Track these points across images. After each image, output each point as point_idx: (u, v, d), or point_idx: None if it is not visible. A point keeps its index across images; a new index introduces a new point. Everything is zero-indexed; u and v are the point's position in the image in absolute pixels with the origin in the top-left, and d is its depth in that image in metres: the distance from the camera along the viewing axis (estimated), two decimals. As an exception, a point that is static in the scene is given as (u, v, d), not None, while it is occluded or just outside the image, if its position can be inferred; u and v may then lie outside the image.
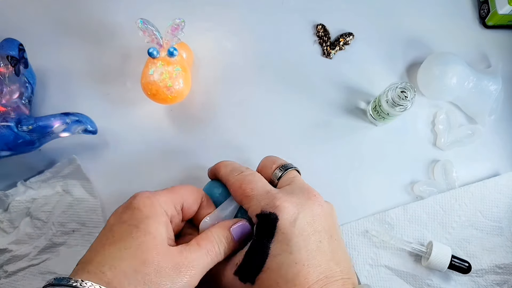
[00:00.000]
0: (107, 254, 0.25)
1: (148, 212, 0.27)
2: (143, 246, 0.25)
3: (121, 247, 0.25)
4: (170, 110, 0.47)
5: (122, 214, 0.28)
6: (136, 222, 0.27)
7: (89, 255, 0.26)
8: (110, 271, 0.24)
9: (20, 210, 0.42)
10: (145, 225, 0.26)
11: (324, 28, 0.50)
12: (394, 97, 0.41)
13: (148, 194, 0.29)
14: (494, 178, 0.46)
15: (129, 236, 0.26)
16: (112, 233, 0.27)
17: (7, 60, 0.40)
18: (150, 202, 0.28)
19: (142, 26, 0.39)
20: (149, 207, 0.28)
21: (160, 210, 0.28)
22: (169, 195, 0.30)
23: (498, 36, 0.51)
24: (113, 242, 0.26)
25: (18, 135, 0.39)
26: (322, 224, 0.29)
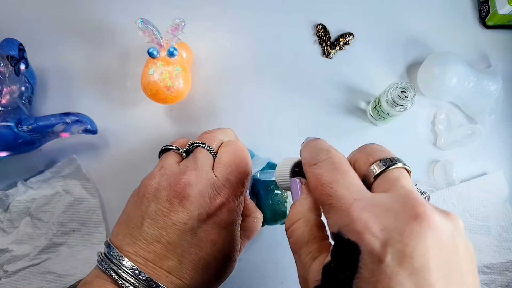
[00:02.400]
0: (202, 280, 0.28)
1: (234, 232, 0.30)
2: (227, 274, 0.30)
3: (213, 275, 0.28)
4: (170, 110, 0.47)
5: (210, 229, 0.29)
6: (225, 249, 0.29)
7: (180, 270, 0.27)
8: None
9: (20, 210, 0.42)
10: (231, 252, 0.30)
11: (324, 28, 0.50)
12: (394, 97, 0.41)
13: (233, 207, 0.29)
14: (482, 177, 0.46)
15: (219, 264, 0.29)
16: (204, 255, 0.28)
17: (7, 60, 0.40)
18: (236, 216, 0.30)
19: (142, 26, 0.39)
20: (235, 223, 0.30)
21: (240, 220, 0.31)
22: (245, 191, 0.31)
23: (498, 36, 0.51)
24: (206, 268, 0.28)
25: (18, 135, 0.39)
26: (433, 258, 0.18)
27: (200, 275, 0.27)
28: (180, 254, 0.27)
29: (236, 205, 0.29)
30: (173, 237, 0.27)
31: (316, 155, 0.23)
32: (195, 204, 0.27)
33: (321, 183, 0.21)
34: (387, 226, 0.18)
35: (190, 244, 0.27)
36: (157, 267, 0.27)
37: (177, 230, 0.27)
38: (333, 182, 0.21)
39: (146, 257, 0.27)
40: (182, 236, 0.27)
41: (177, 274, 0.27)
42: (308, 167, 0.23)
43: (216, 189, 0.28)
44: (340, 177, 0.21)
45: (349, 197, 0.20)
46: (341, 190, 0.21)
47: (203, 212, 0.27)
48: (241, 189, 0.30)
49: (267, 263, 0.43)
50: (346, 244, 0.19)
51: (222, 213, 0.28)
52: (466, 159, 0.47)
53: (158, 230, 0.27)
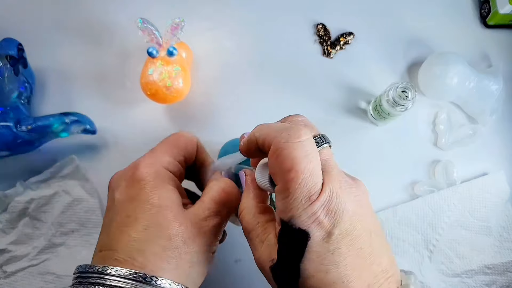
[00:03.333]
0: (130, 239, 0.24)
1: (156, 182, 0.26)
2: (162, 222, 0.25)
3: (141, 228, 0.25)
4: (170, 109, 0.47)
5: (128, 189, 0.27)
6: (146, 196, 0.26)
7: (109, 241, 0.25)
8: (140, 256, 0.24)
9: (19, 211, 0.42)
10: (157, 198, 0.26)
11: (324, 27, 0.50)
12: (395, 97, 0.41)
13: (149, 161, 0.27)
14: (482, 177, 0.46)
15: (144, 214, 0.25)
16: (125, 213, 0.26)
17: (6, 60, 0.39)
18: (154, 170, 0.27)
19: (141, 25, 0.39)
20: (155, 175, 0.27)
21: (166, 175, 0.27)
22: (169, 151, 0.29)
23: (499, 36, 0.51)
24: (130, 224, 0.25)
25: (17, 135, 0.39)
26: (361, 224, 0.23)
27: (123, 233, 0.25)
28: (107, 226, 0.27)
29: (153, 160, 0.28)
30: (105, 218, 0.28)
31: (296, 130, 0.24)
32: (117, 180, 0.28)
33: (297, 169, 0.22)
34: (331, 211, 0.22)
35: (114, 212, 0.27)
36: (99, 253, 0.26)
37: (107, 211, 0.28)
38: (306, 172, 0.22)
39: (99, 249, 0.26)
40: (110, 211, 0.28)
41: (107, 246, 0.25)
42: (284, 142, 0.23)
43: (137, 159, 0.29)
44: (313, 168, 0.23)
45: (312, 191, 0.22)
46: (310, 183, 0.22)
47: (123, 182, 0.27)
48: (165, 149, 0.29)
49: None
50: (297, 232, 0.22)
51: (137, 170, 0.27)
52: (467, 159, 0.47)
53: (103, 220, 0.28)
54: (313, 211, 0.22)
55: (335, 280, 0.22)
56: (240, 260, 0.42)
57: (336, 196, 0.22)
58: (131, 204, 0.26)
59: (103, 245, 0.25)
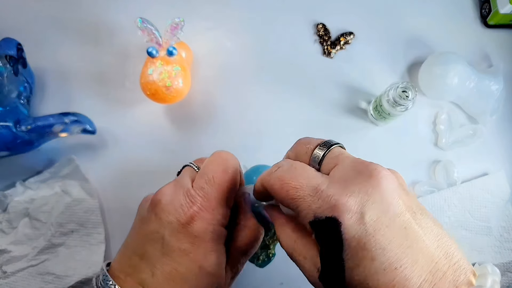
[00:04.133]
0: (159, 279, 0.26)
1: (211, 245, 0.27)
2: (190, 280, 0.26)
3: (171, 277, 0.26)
4: (170, 109, 0.47)
5: (182, 238, 0.26)
6: (199, 259, 0.26)
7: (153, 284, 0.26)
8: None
9: (19, 211, 0.42)
10: (208, 264, 0.26)
11: (324, 27, 0.50)
12: (395, 97, 0.41)
13: (208, 216, 0.27)
14: (483, 177, 0.46)
15: (194, 277, 0.26)
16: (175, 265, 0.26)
17: (5, 60, 0.39)
18: (212, 228, 0.27)
19: (141, 25, 0.39)
20: (211, 235, 0.27)
21: (221, 234, 0.28)
22: (225, 200, 0.28)
23: (500, 36, 0.51)
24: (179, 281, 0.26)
25: (17, 135, 0.39)
26: (398, 202, 0.21)
27: (171, 287, 0.25)
28: (152, 265, 0.26)
29: (211, 214, 0.27)
30: (146, 247, 0.27)
31: (269, 170, 0.26)
32: (165, 212, 0.27)
33: (285, 181, 0.24)
34: (352, 191, 0.21)
35: (162, 253, 0.26)
36: (132, 281, 0.26)
37: (150, 240, 0.27)
38: (294, 177, 0.24)
39: (126, 272, 0.26)
40: (154, 245, 0.26)
41: (143, 281, 0.26)
42: (267, 176, 0.25)
43: (189, 197, 0.27)
44: (298, 172, 0.24)
45: (312, 184, 0.23)
46: (303, 181, 0.23)
47: (174, 220, 0.26)
48: (219, 198, 0.27)
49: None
50: (326, 222, 0.21)
51: (194, 222, 0.26)
52: (467, 159, 0.47)
53: (136, 241, 0.27)
54: (329, 195, 0.21)
55: (385, 267, 0.19)
56: (283, 283, 0.42)
57: (353, 175, 0.22)
58: (181, 258, 0.26)
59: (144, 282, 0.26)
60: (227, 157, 0.29)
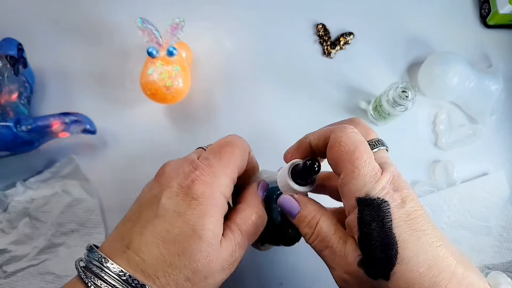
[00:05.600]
0: (161, 258, 0.24)
1: (207, 208, 0.26)
2: (196, 254, 0.25)
3: (175, 251, 0.25)
4: (170, 109, 0.47)
5: (178, 199, 0.26)
6: (193, 222, 0.25)
7: (139, 244, 0.25)
8: (163, 277, 0.24)
9: (19, 211, 0.42)
10: (201, 228, 0.25)
11: (324, 27, 0.50)
12: (395, 97, 0.41)
13: (210, 179, 0.26)
14: (482, 177, 0.46)
15: (185, 240, 0.25)
16: (167, 226, 0.25)
17: (6, 60, 0.39)
18: (210, 192, 0.26)
19: (141, 25, 0.39)
20: (211, 199, 0.26)
21: (220, 201, 0.27)
22: (227, 170, 0.28)
23: (499, 36, 0.51)
24: (167, 242, 0.25)
25: (17, 135, 0.39)
26: (423, 208, 0.25)
27: (160, 249, 0.24)
28: (143, 226, 0.25)
29: (212, 180, 0.26)
30: (141, 210, 0.26)
31: (344, 126, 0.28)
32: (168, 179, 0.27)
33: (358, 149, 0.26)
34: (398, 188, 0.25)
35: (156, 215, 0.25)
36: (117, 244, 0.25)
37: (146, 203, 0.27)
38: (366, 151, 0.26)
39: (115, 239, 0.26)
40: (150, 207, 0.26)
41: (135, 249, 0.25)
42: (341, 132, 0.27)
43: (193, 165, 0.27)
44: (367, 149, 0.26)
45: (375, 166, 0.26)
46: (372, 162, 0.26)
47: (174, 185, 0.26)
48: (222, 168, 0.27)
49: (266, 264, 0.43)
50: (376, 202, 0.24)
51: (195, 185, 0.26)
52: (467, 159, 0.47)
53: (133, 211, 0.27)
54: (383, 185, 0.25)
55: (430, 243, 0.23)
56: (282, 283, 0.42)
57: (397, 178, 0.26)
58: (175, 219, 0.25)
59: (131, 243, 0.25)
60: (236, 137, 0.31)
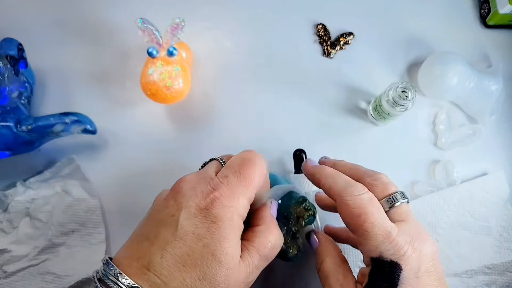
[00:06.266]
0: (183, 282, 0.24)
1: (227, 232, 0.25)
2: (217, 279, 0.25)
3: (195, 276, 0.24)
4: (170, 110, 0.47)
5: (197, 221, 0.25)
6: (214, 247, 0.25)
7: (160, 267, 0.24)
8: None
9: (20, 210, 0.42)
10: (221, 253, 0.25)
11: (324, 27, 0.50)
12: (394, 97, 0.41)
13: (229, 202, 0.26)
14: (482, 177, 0.46)
15: (205, 265, 0.25)
16: (187, 250, 0.25)
17: (6, 60, 0.39)
18: (230, 215, 0.26)
19: (141, 25, 0.39)
20: (229, 222, 0.26)
21: (238, 224, 0.26)
22: (247, 192, 0.27)
23: (499, 36, 0.51)
24: (188, 266, 0.25)
25: (18, 135, 0.39)
26: (438, 269, 0.27)
27: (181, 272, 0.24)
28: (163, 248, 0.25)
29: (231, 202, 0.26)
30: (159, 230, 0.26)
31: (353, 187, 0.29)
32: (185, 197, 0.26)
33: (364, 212, 0.27)
34: (416, 249, 0.26)
35: (175, 237, 0.25)
36: (139, 264, 0.25)
37: (164, 223, 0.26)
38: (372, 212, 0.27)
39: (132, 257, 0.25)
40: (168, 229, 0.25)
41: (156, 271, 0.24)
42: (347, 196, 0.29)
43: (212, 185, 0.27)
44: (376, 209, 0.28)
45: (386, 227, 0.27)
46: (379, 220, 0.27)
47: (192, 205, 0.26)
48: (242, 189, 0.27)
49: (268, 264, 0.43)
50: (389, 265, 0.26)
51: (213, 207, 0.25)
52: (467, 159, 0.47)
53: (149, 226, 0.27)
54: (399, 245, 0.26)
55: None
56: (283, 283, 0.42)
57: (417, 237, 0.27)
58: (195, 243, 0.25)
59: (151, 264, 0.25)
60: (256, 155, 0.30)
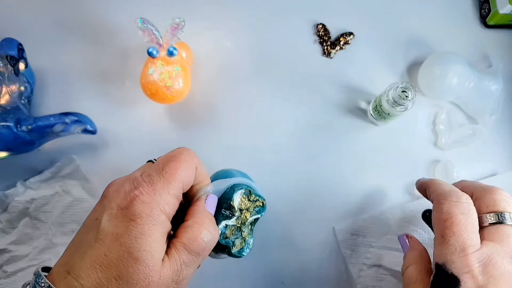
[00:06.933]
0: (100, 281, 0.24)
1: (145, 228, 0.25)
2: (134, 278, 0.24)
3: (112, 275, 0.24)
4: (170, 110, 0.47)
5: (116, 220, 0.25)
6: (129, 243, 0.24)
7: (78, 270, 0.24)
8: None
9: (20, 210, 0.42)
10: (137, 250, 0.24)
11: (324, 27, 0.50)
12: (395, 97, 0.41)
13: (149, 198, 0.26)
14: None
15: (121, 263, 0.24)
16: (104, 250, 0.24)
17: (6, 60, 0.39)
18: (148, 211, 0.25)
19: (141, 25, 0.39)
20: (149, 219, 0.25)
21: (159, 219, 0.26)
22: (169, 187, 0.27)
23: (499, 36, 0.51)
24: (104, 265, 0.24)
25: (18, 135, 0.39)
26: None
27: (97, 273, 0.24)
28: (84, 251, 0.25)
29: (151, 199, 0.26)
30: (82, 235, 0.26)
31: (455, 193, 0.30)
32: (109, 200, 0.26)
33: (452, 221, 0.28)
34: (487, 273, 0.26)
35: (96, 239, 0.25)
36: (62, 270, 0.25)
37: (87, 228, 0.26)
38: (460, 224, 0.28)
39: (61, 263, 0.26)
40: (91, 232, 0.25)
41: (75, 273, 0.24)
42: (445, 199, 0.30)
43: (134, 184, 0.26)
44: (468, 222, 0.28)
45: (467, 243, 0.27)
46: (464, 235, 0.28)
47: (114, 206, 0.26)
48: (164, 184, 0.27)
49: (267, 263, 0.43)
50: (449, 276, 0.27)
51: (133, 205, 0.25)
52: (467, 159, 0.47)
53: (78, 235, 0.27)
54: (468, 263, 0.27)
55: None
56: (283, 282, 0.43)
57: (495, 264, 0.27)
58: (113, 243, 0.25)
59: (72, 268, 0.25)
60: (183, 150, 0.29)
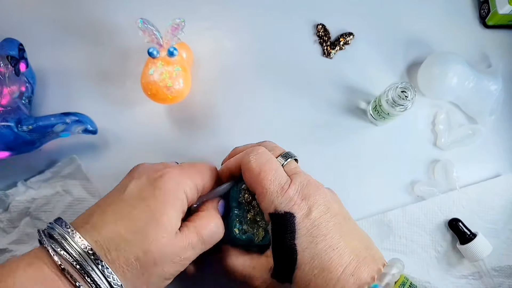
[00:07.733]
0: (118, 233, 0.26)
1: (171, 198, 0.28)
2: (150, 235, 0.26)
3: (132, 229, 0.26)
4: (170, 110, 0.47)
5: (145, 187, 0.29)
6: (154, 207, 0.27)
7: (100, 222, 0.27)
8: (115, 251, 0.26)
9: (20, 210, 0.42)
10: (160, 214, 0.27)
11: (324, 27, 0.50)
12: (394, 97, 0.41)
13: (178, 177, 0.29)
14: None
15: (142, 219, 0.27)
16: (129, 208, 0.27)
17: (7, 60, 0.40)
18: (176, 186, 0.29)
19: (142, 25, 0.39)
20: (174, 192, 0.29)
21: (182, 196, 0.29)
22: (196, 178, 0.31)
23: (499, 36, 0.51)
24: (126, 219, 0.27)
25: (18, 135, 0.39)
26: (335, 209, 0.30)
27: (116, 225, 0.26)
28: (107, 205, 0.28)
29: (179, 178, 0.30)
30: (108, 195, 0.30)
31: (254, 149, 0.32)
32: (139, 173, 0.30)
33: (263, 170, 0.30)
34: (306, 197, 0.29)
35: (121, 198, 0.28)
36: (79, 220, 0.28)
37: (115, 191, 0.30)
38: (270, 169, 0.30)
39: (83, 218, 0.28)
40: (116, 194, 0.29)
41: (93, 223, 0.27)
42: (247, 158, 0.31)
43: (165, 165, 0.31)
44: (274, 166, 0.31)
45: (281, 182, 0.30)
46: (276, 176, 0.30)
47: (143, 177, 0.29)
48: (192, 173, 0.31)
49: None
50: (285, 216, 0.29)
51: (162, 178, 0.29)
52: (467, 159, 0.47)
53: (100, 200, 0.30)
54: (290, 197, 0.29)
55: (326, 248, 0.28)
56: None
57: (306, 185, 0.30)
58: (138, 202, 0.28)
59: (91, 218, 0.27)
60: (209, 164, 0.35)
